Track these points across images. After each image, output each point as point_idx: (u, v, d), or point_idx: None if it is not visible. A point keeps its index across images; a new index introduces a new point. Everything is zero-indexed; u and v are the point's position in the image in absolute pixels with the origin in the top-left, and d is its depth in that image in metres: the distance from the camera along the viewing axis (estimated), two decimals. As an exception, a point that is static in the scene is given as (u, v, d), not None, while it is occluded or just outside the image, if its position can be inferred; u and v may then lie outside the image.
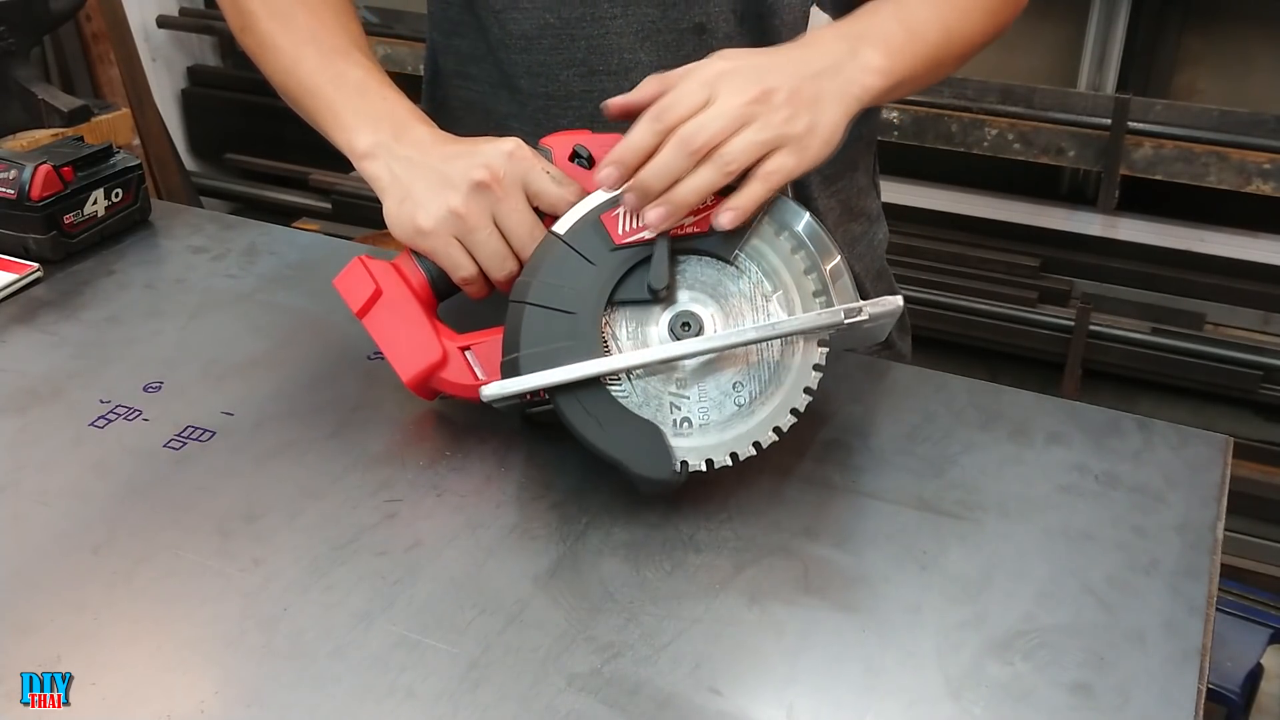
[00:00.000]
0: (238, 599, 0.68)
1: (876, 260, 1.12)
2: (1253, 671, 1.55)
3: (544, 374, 0.73)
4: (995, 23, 0.92)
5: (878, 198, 1.14)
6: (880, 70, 0.80)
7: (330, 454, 0.80)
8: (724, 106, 0.72)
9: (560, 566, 0.71)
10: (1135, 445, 0.81)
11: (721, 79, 0.74)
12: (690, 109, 0.73)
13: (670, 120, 0.72)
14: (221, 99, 3.16)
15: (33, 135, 1.49)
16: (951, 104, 2.32)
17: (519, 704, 0.61)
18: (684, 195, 0.72)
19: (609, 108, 0.77)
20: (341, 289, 0.82)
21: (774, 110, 0.73)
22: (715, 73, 0.74)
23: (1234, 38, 2.27)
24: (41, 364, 0.91)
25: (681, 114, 0.72)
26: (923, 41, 0.85)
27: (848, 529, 0.74)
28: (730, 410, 0.73)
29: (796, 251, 0.74)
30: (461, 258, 0.79)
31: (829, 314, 0.72)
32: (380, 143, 0.82)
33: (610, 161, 0.74)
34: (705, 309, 0.75)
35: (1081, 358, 2.29)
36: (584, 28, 0.92)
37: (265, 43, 0.93)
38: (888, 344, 1.08)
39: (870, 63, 0.80)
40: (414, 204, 0.79)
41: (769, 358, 0.74)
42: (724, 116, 0.72)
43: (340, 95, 0.87)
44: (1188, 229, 2.33)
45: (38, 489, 0.77)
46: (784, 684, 0.63)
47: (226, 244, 1.10)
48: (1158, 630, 0.66)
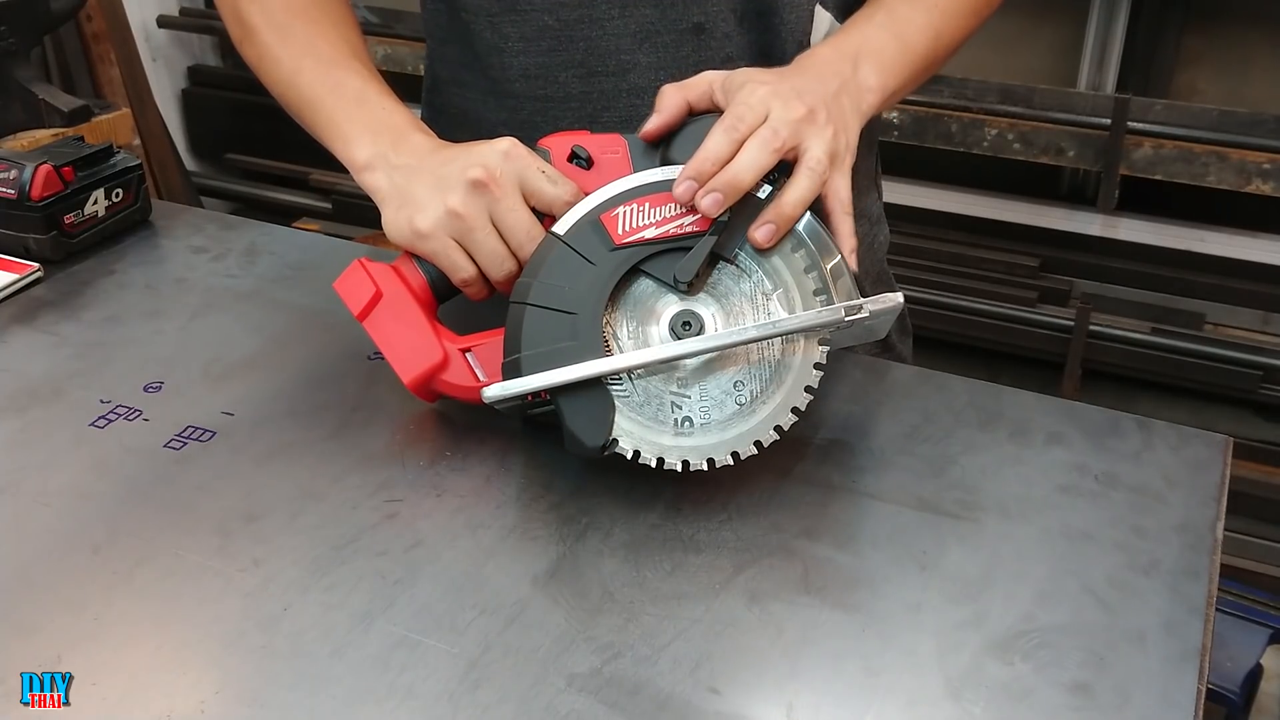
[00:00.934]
0: (238, 599, 0.68)
1: (877, 263, 1.12)
2: (1253, 671, 1.55)
3: (545, 375, 0.73)
4: (978, 22, 0.94)
5: (879, 199, 1.14)
6: (877, 89, 0.83)
7: (330, 454, 0.80)
8: (784, 114, 0.74)
9: (560, 567, 0.71)
10: (1135, 445, 0.81)
11: (773, 99, 0.75)
12: (759, 118, 0.74)
13: (744, 130, 0.74)
14: (221, 99, 3.16)
15: (33, 135, 1.49)
16: (951, 104, 2.32)
17: (519, 704, 0.61)
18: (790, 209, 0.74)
19: (650, 135, 0.78)
20: (342, 292, 0.82)
21: (822, 129, 0.76)
22: (764, 94, 0.75)
23: (1234, 38, 2.27)
24: (41, 364, 0.91)
25: (753, 123, 0.74)
26: (914, 52, 0.87)
27: (848, 529, 0.74)
28: (731, 409, 0.73)
29: (796, 250, 0.74)
30: (461, 259, 0.79)
31: (829, 312, 0.73)
32: (379, 153, 0.83)
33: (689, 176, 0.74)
34: (706, 308, 0.75)
35: (1081, 358, 2.29)
36: (582, 29, 0.92)
37: (265, 54, 0.93)
38: (888, 346, 1.08)
39: (868, 81, 0.82)
40: (412, 208, 0.79)
41: (770, 356, 0.74)
42: (789, 124, 0.74)
43: (339, 106, 0.87)
44: (1188, 229, 2.33)
45: (38, 489, 0.77)
46: (784, 684, 0.63)
47: (226, 244, 1.10)
48: (1158, 630, 0.66)
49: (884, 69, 0.84)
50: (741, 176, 0.73)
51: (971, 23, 0.93)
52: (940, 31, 0.89)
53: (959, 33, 0.92)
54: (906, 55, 0.86)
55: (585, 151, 0.80)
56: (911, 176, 2.48)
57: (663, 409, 0.74)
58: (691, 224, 0.74)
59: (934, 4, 0.89)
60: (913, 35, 0.87)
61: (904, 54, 0.86)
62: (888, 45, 0.85)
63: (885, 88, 0.84)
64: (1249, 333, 2.35)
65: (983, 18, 0.95)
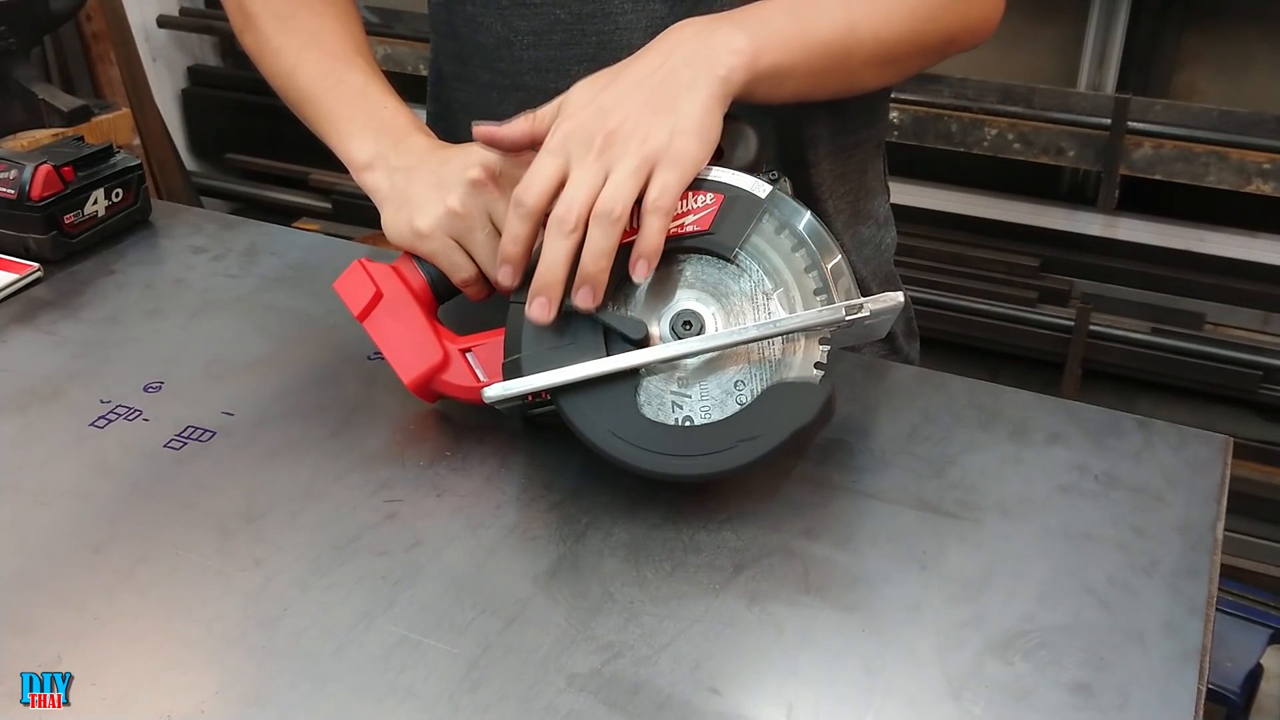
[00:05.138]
0: (238, 599, 0.68)
1: (884, 265, 1.11)
2: (1253, 671, 1.55)
3: (546, 375, 0.73)
4: (930, 29, 0.87)
5: (887, 201, 1.14)
6: (743, 50, 0.76)
7: (331, 454, 0.80)
8: (579, 174, 0.72)
9: (560, 567, 0.71)
10: (1135, 445, 0.81)
11: (567, 141, 0.73)
12: (546, 185, 0.72)
13: (531, 203, 0.72)
14: (221, 99, 3.16)
15: (33, 135, 1.49)
16: (951, 104, 2.32)
17: (519, 704, 0.61)
18: (592, 266, 0.71)
19: (478, 134, 0.77)
20: (342, 292, 0.82)
21: (625, 142, 0.72)
22: (560, 138, 0.73)
23: (1234, 38, 2.27)
24: (41, 364, 0.91)
25: (540, 192, 0.72)
26: (813, 35, 0.80)
27: (848, 529, 0.74)
28: (732, 408, 0.73)
29: (797, 250, 0.74)
30: (461, 259, 0.79)
31: (830, 311, 0.72)
32: (379, 154, 0.83)
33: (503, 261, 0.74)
34: (706, 308, 0.75)
35: (1081, 358, 2.29)
36: (594, 23, 0.92)
37: (265, 45, 0.93)
38: (895, 349, 1.08)
39: (731, 43, 0.76)
40: (411, 208, 0.79)
41: (770, 356, 0.74)
42: (583, 184, 0.71)
43: (340, 104, 0.87)
44: (1188, 229, 2.33)
45: (38, 489, 0.77)
46: (784, 684, 0.63)
47: (226, 244, 1.10)
48: (1158, 630, 0.66)
49: (760, 34, 0.77)
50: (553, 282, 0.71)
51: (914, 28, 0.85)
52: (856, 25, 0.82)
53: (889, 34, 0.84)
54: (802, 36, 0.79)
55: None
56: (911, 176, 2.48)
57: (663, 408, 0.74)
58: (693, 224, 0.74)
59: None
60: (814, 19, 0.80)
61: (799, 35, 0.79)
62: (775, 19, 0.79)
63: (757, 51, 0.76)
64: (1249, 333, 2.35)
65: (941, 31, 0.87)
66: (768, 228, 0.74)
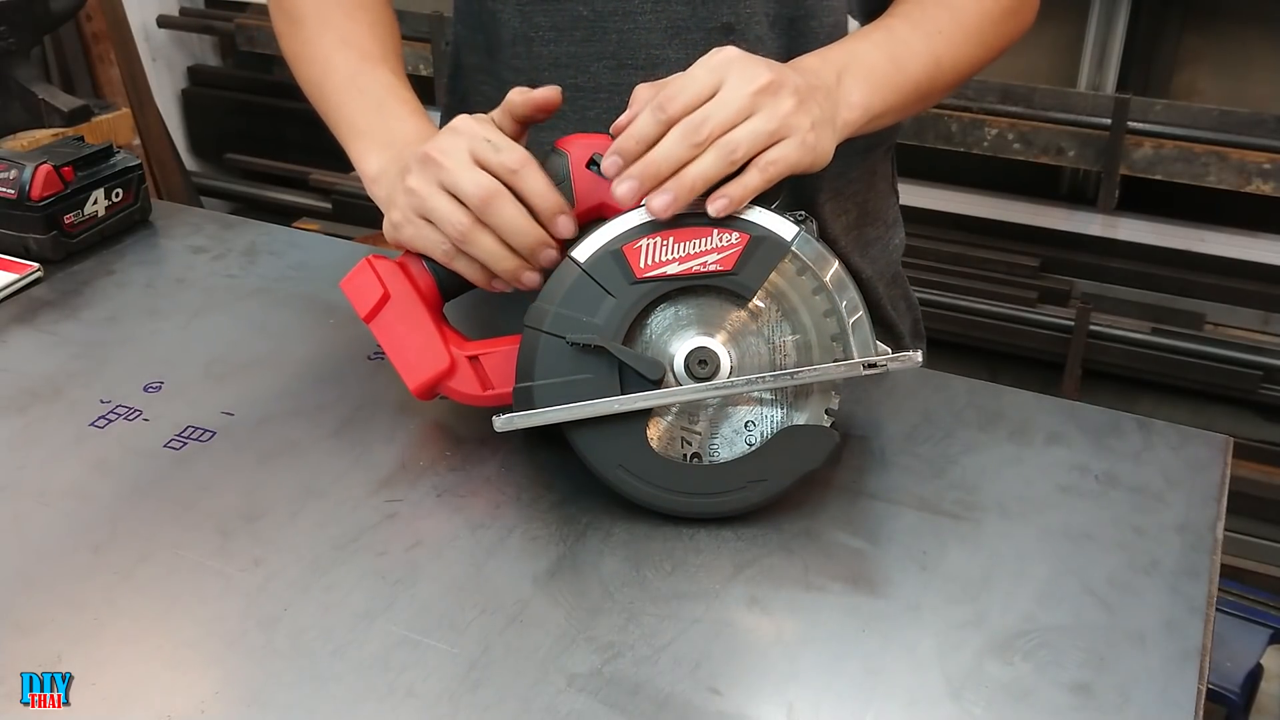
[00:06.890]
0: (238, 598, 0.68)
1: (891, 265, 1.12)
2: (1253, 671, 1.55)
3: (558, 410, 0.73)
4: (989, 52, 0.92)
5: (896, 203, 1.14)
6: (859, 105, 0.80)
7: (331, 454, 0.80)
8: (730, 94, 0.71)
9: (560, 567, 0.71)
10: (1135, 445, 0.81)
11: (730, 65, 0.72)
12: (695, 96, 0.71)
13: (673, 110, 0.71)
14: (221, 99, 3.16)
15: (33, 135, 1.49)
16: (951, 104, 2.32)
17: (519, 704, 0.61)
18: (688, 182, 0.70)
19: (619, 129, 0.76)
20: (349, 291, 0.81)
21: (781, 100, 0.72)
22: (724, 59, 0.73)
23: (1234, 38, 2.27)
24: (41, 364, 0.91)
25: (686, 102, 0.71)
26: (907, 75, 0.84)
27: (848, 529, 0.74)
28: (741, 449, 0.73)
29: (818, 293, 0.72)
30: (432, 234, 0.78)
31: (847, 366, 0.72)
32: (385, 168, 0.84)
33: (614, 151, 0.72)
34: (722, 347, 0.73)
35: (1081, 358, 2.28)
36: (615, 21, 0.92)
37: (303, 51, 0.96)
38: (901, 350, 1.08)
39: (851, 96, 0.79)
40: (388, 206, 0.80)
41: (782, 399, 0.74)
42: (729, 105, 0.71)
43: (359, 113, 0.89)
44: (1188, 229, 2.33)
45: (38, 489, 0.77)
46: (784, 684, 0.63)
47: (226, 244, 1.10)
48: (1158, 630, 0.66)
49: (871, 87, 0.81)
50: (655, 171, 0.70)
51: (980, 54, 0.90)
52: (940, 59, 0.86)
53: (963, 63, 0.89)
54: (898, 76, 0.83)
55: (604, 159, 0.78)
56: (911, 176, 2.47)
57: (673, 444, 0.74)
58: (715, 263, 0.72)
59: (936, 30, 0.87)
60: (908, 59, 0.84)
61: (895, 76, 0.83)
62: (879, 64, 0.82)
63: (869, 106, 0.80)
64: (1249, 333, 2.34)
65: (995, 50, 0.92)
66: (789, 268, 0.72)
